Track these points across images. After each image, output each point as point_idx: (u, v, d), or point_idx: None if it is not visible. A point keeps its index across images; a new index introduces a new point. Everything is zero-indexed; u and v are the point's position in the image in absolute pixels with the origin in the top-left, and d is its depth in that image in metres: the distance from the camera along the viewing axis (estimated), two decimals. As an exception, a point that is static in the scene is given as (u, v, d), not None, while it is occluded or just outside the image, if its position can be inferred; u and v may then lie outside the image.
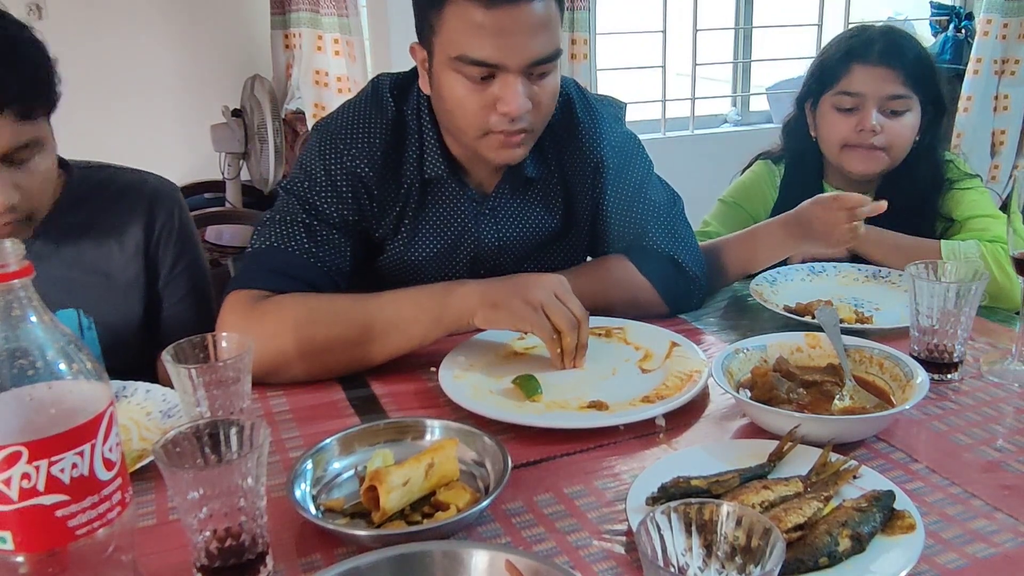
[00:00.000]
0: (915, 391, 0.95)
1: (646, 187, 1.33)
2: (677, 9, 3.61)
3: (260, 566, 0.73)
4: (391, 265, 1.30)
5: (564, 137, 1.30)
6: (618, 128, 1.35)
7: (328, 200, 1.21)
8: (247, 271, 1.18)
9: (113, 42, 3.20)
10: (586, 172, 1.31)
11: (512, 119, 1.12)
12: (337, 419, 1.03)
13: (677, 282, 1.31)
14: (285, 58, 3.33)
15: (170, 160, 3.28)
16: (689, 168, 3.28)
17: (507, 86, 1.10)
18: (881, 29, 1.55)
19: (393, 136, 1.24)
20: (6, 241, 0.61)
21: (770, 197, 1.68)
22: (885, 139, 1.50)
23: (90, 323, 1.24)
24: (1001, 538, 0.77)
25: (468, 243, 1.30)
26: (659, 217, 1.32)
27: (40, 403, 0.62)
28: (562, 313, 1.06)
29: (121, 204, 1.29)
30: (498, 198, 1.30)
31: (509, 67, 1.09)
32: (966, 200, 1.55)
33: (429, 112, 1.24)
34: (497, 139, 1.15)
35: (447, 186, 1.27)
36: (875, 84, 1.50)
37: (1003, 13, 3.64)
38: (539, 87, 1.13)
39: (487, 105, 1.12)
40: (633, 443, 0.96)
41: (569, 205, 1.34)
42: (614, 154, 1.32)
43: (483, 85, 1.11)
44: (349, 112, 1.25)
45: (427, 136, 1.24)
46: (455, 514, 0.78)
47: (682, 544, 0.62)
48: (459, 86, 1.12)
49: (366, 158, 1.22)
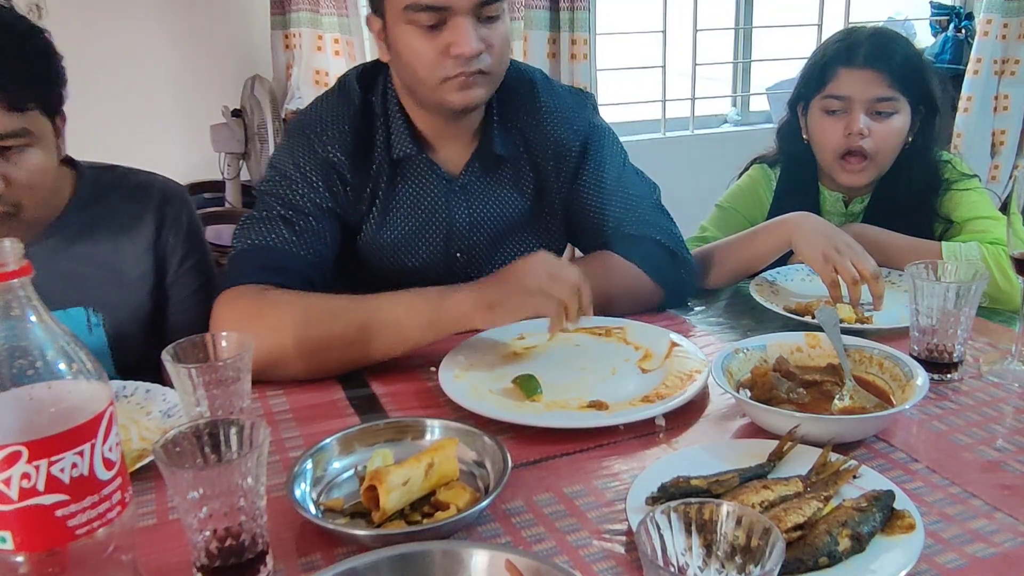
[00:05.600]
0: (915, 391, 0.95)
1: (623, 177, 1.36)
2: (677, 9, 3.61)
3: (260, 566, 0.73)
4: (367, 247, 1.32)
5: (524, 117, 1.34)
6: (585, 115, 1.38)
7: (301, 191, 1.24)
8: (235, 272, 1.19)
9: (113, 42, 3.20)
10: (548, 152, 1.34)
11: (466, 59, 1.15)
12: (337, 419, 1.03)
13: (666, 264, 1.33)
14: (285, 58, 3.32)
15: (170, 160, 3.28)
16: (689, 168, 3.28)
17: (457, 28, 1.14)
18: (869, 31, 1.54)
19: (362, 121, 1.28)
20: (5, 241, 0.61)
21: (766, 201, 1.68)
22: (872, 142, 1.50)
23: (99, 320, 1.27)
24: (1001, 538, 0.78)
25: (440, 222, 1.33)
26: (640, 206, 1.35)
27: (40, 403, 0.61)
28: (561, 286, 1.06)
29: (132, 204, 1.32)
30: (468, 175, 1.33)
31: (457, 8, 1.13)
32: (965, 201, 1.54)
33: (395, 93, 1.28)
34: (456, 81, 1.18)
35: (416, 165, 1.30)
36: (861, 87, 1.49)
37: (1003, 13, 3.64)
38: (489, 30, 1.17)
39: (442, 51, 1.15)
40: (633, 443, 0.96)
41: (540, 186, 1.37)
42: (582, 140, 1.35)
43: (435, 32, 1.15)
44: (316, 107, 1.30)
45: (393, 117, 1.28)
46: (455, 514, 0.78)
47: (682, 544, 0.62)
48: (413, 37, 1.16)
49: (338, 144, 1.25)
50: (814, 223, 1.35)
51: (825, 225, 1.35)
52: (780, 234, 1.37)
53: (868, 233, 1.45)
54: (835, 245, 1.29)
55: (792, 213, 1.39)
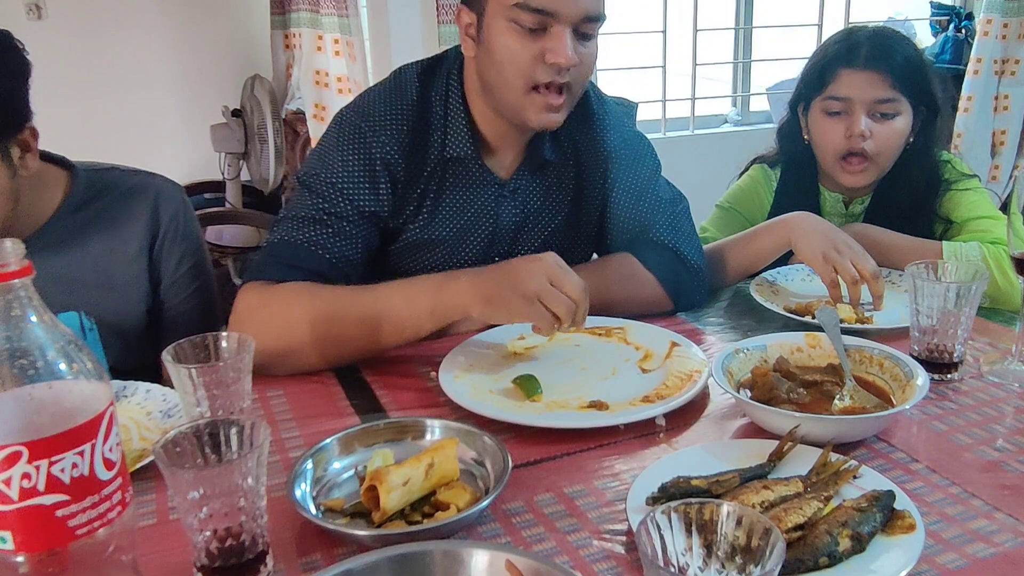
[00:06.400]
0: (915, 391, 0.95)
1: (652, 185, 1.36)
2: (677, 9, 3.61)
3: (260, 566, 0.73)
4: (408, 247, 1.31)
5: (578, 125, 1.34)
6: (629, 125, 1.39)
7: (344, 191, 1.22)
8: (259, 264, 1.20)
9: (113, 42, 3.20)
10: (597, 160, 1.35)
11: (559, 70, 1.15)
12: (337, 419, 1.03)
13: (680, 274, 1.32)
14: (285, 58, 3.33)
15: (170, 160, 3.28)
16: (689, 168, 3.27)
17: (557, 37, 1.14)
18: (869, 32, 1.53)
19: (418, 119, 1.26)
20: (7, 241, 0.61)
21: (766, 201, 1.68)
22: (874, 144, 1.50)
23: (92, 325, 1.24)
24: (1001, 538, 0.78)
25: (486, 224, 1.32)
26: (663, 213, 1.34)
27: (40, 403, 0.62)
28: (559, 301, 1.05)
29: (126, 206, 1.29)
30: (518, 179, 1.33)
31: (563, 17, 1.14)
32: (965, 201, 1.54)
33: (459, 89, 1.27)
34: (542, 100, 1.18)
35: (468, 166, 1.29)
36: (862, 88, 1.49)
37: (1003, 13, 3.64)
38: (583, 47, 1.18)
39: (537, 56, 1.15)
40: (633, 443, 0.96)
41: (580, 193, 1.37)
42: (623, 148, 1.36)
43: (534, 36, 1.15)
44: (371, 100, 1.27)
45: (453, 115, 1.27)
46: (455, 514, 0.78)
47: (682, 544, 0.62)
48: (511, 37, 1.16)
49: (395, 144, 1.24)
50: (814, 223, 1.35)
51: (825, 225, 1.35)
52: (779, 234, 1.37)
53: (869, 233, 1.45)
54: (835, 245, 1.29)
55: (792, 213, 1.39)
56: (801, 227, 1.35)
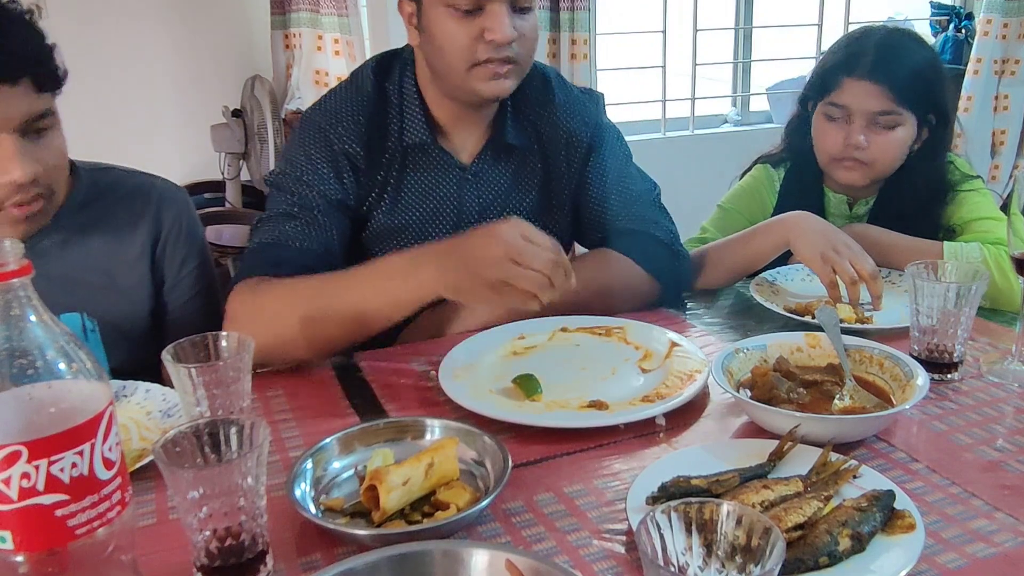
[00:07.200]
0: (915, 391, 0.95)
1: (626, 174, 1.39)
2: (677, 9, 3.61)
3: (260, 566, 0.73)
4: (377, 235, 1.33)
5: (539, 109, 1.36)
6: (595, 111, 1.41)
7: (310, 184, 1.25)
8: (245, 267, 1.22)
9: (113, 42, 3.20)
10: (560, 144, 1.37)
11: (499, 46, 1.18)
12: (337, 419, 1.03)
13: (663, 259, 1.33)
14: (285, 58, 3.33)
15: (170, 160, 3.28)
16: (689, 168, 3.28)
17: (494, 15, 1.17)
18: (878, 39, 1.50)
19: (375, 109, 1.30)
20: (6, 240, 0.61)
21: (769, 202, 1.67)
22: (870, 154, 1.49)
23: (93, 325, 1.24)
24: (1001, 538, 0.78)
25: (450, 209, 1.34)
26: (640, 202, 1.37)
27: (40, 402, 0.61)
28: (526, 279, 1.01)
29: (129, 207, 1.29)
30: (480, 164, 1.35)
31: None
32: (968, 202, 1.54)
33: (412, 78, 1.30)
34: (486, 70, 1.20)
35: (429, 152, 1.31)
36: (863, 100, 1.47)
37: (1003, 13, 3.65)
38: (522, 20, 1.21)
39: (475, 36, 1.18)
40: (633, 443, 0.96)
41: (547, 178, 1.39)
42: (591, 135, 1.38)
43: (471, 17, 1.18)
44: (329, 99, 1.32)
45: (408, 104, 1.30)
46: (455, 513, 0.78)
47: (682, 544, 0.62)
48: (450, 20, 1.18)
49: (353, 136, 1.27)
50: (812, 223, 1.35)
51: (823, 225, 1.35)
52: (778, 234, 1.37)
53: (870, 234, 1.45)
54: (833, 245, 1.29)
55: (790, 212, 1.38)
56: (800, 227, 1.34)
